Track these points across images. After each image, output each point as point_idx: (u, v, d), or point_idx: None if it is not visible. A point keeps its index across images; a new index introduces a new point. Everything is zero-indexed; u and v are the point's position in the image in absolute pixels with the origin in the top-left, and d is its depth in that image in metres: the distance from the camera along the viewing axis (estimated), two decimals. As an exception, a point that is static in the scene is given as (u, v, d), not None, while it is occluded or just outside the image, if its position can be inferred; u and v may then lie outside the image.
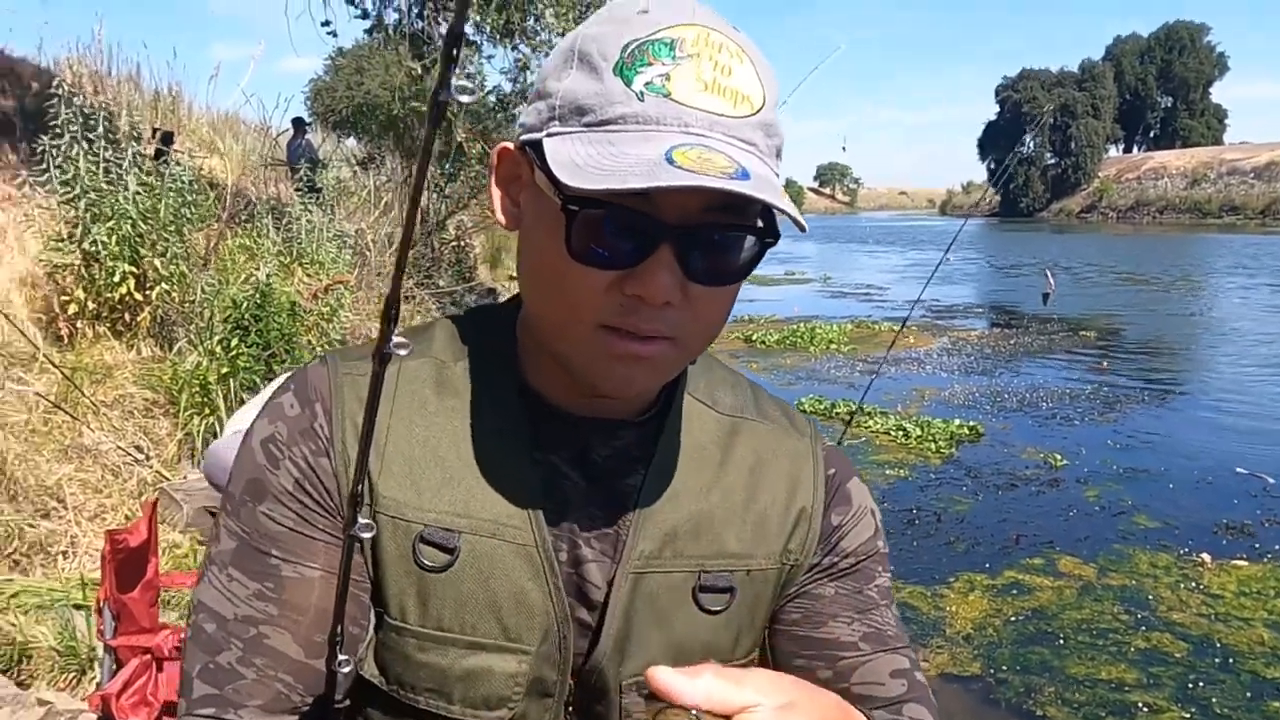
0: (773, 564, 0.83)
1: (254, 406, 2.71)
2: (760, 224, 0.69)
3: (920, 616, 4.90)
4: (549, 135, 0.67)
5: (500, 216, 0.76)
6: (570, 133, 0.66)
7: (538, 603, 0.76)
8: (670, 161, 0.60)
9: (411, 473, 0.75)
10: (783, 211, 0.64)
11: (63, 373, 4.80)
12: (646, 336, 0.68)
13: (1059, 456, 7.65)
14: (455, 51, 0.45)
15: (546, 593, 0.76)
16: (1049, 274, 4.49)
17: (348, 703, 0.79)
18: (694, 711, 0.52)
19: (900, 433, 8.29)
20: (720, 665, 0.55)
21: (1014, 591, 5.21)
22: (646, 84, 0.64)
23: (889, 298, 19.96)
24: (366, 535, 0.63)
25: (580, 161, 0.63)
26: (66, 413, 4.67)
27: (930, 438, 8.11)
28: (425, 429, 0.77)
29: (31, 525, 4.03)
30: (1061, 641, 4.66)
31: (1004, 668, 4.42)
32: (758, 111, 0.66)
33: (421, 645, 0.75)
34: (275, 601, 0.74)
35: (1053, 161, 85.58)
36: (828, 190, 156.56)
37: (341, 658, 0.69)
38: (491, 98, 12.56)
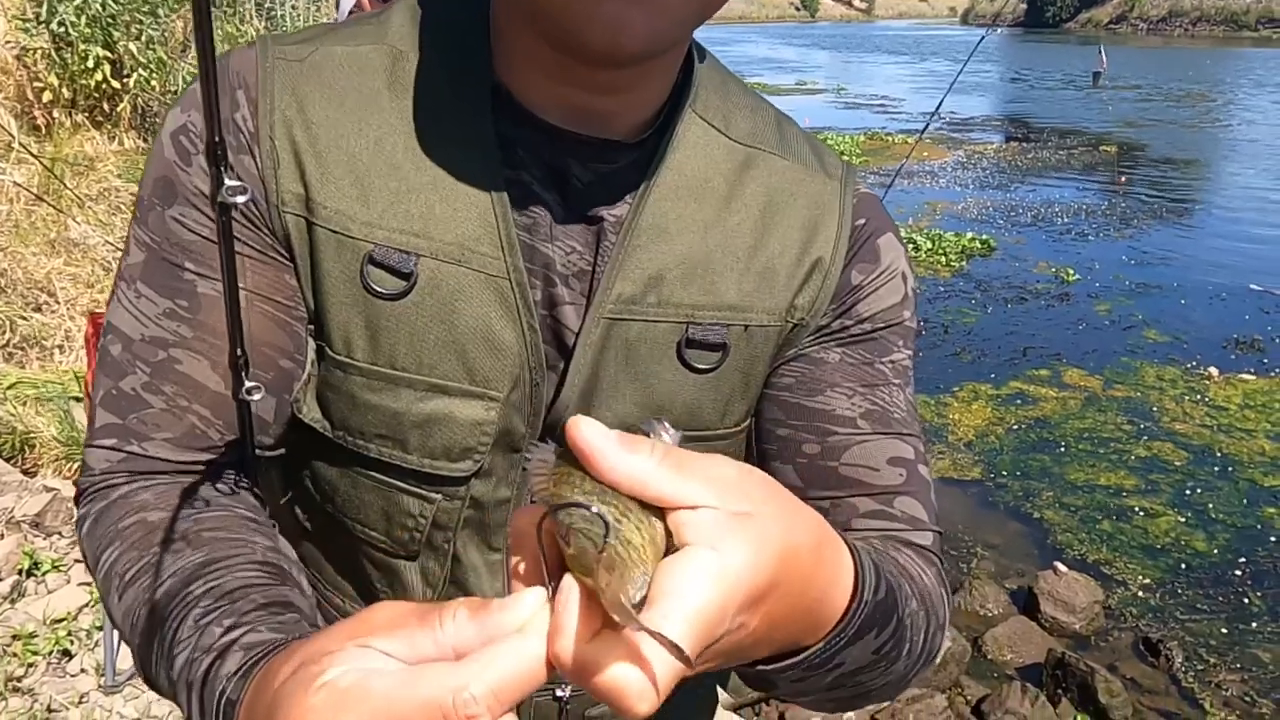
0: (775, 321, 0.70)
1: None
2: None
3: (922, 425, 4.93)
4: None
5: None
6: None
7: (509, 343, 0.65)
8: None
9: (359, 181, 0.63)
10: None
11: (42, 163, 4.58)
12: None
13: (1071, 271, 7.51)
14: None
15: (520, 332, 0.65)
16: (1102, 52, 4.17)
17: (281, 451, 0.70)
18: (594, 507, 0.37)
19: (910, 246, 8.08)
20: (674, 445, 0.42)
21: (1018, 401, 5.21)
22: None
23: (904, 110, 19.17)
24: (240, 199, 0.50)
25: None
26: (50, 204, 4.49)
27: (941, 251, 7.95)
28: (377, 129, 0.63)
29: (24, 318, 3.95)
30: (1063, 449, 4.69)
31: (1004, 474, 4.47)
32: None
33: (370, 385, 0.64)
34: (188, 322, 0.63)
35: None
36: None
37: (249, 384, 0.58)
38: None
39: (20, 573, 2.76)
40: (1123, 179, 11.76)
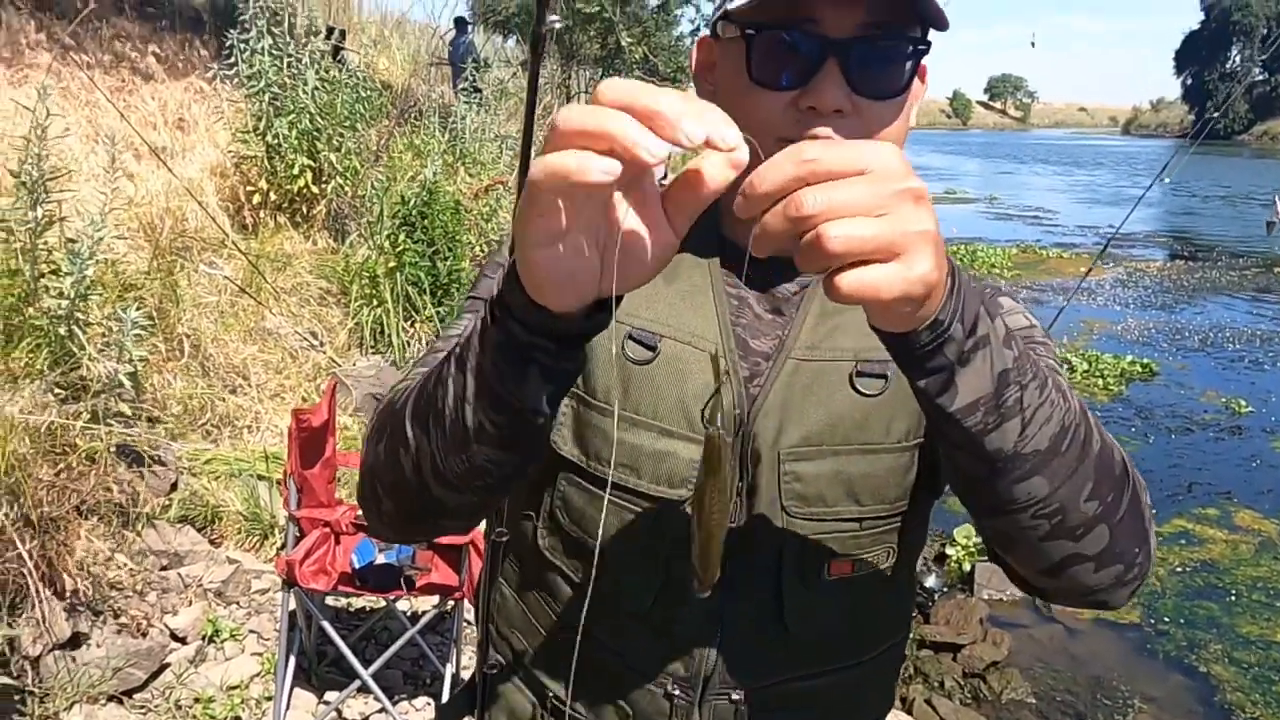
0: None
1: None
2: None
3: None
4: (730, 2, 0.81)
5: None
6: None
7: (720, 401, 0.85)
8: None
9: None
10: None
11: (249, 259, 5.10)
12: None
13: (1243, 402, 7.08)
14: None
15: (731, 394, 0.87)
16: (1277, 201, 4.04)
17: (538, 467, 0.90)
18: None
19: (1065, 367, 7.83)
20: None
21: (1182, 541, 4.91)
22: None
23: (1059, 223, 18.67)
24: None
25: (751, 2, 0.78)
26: (251, 297, 4.97)
27: (1098, 373, 7.66)
28: None
29: (221, 400, 4.36)
30: (1233, 598, 4.38)
31: (1166, 619, 4.20)
32: None
33: (621, 425, 0.88)
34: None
35: (1261, 78, 76.89)
36: (998, 104, 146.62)
37: (499, 529, 0.91)
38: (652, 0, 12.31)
39: (204, 638, 3.01)
40: (1303, 304, 11.04)
